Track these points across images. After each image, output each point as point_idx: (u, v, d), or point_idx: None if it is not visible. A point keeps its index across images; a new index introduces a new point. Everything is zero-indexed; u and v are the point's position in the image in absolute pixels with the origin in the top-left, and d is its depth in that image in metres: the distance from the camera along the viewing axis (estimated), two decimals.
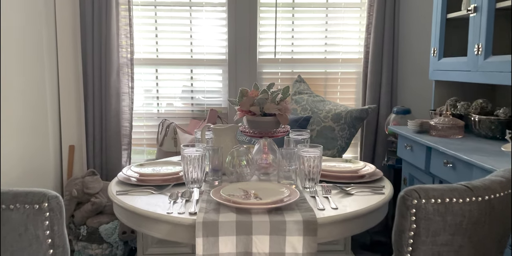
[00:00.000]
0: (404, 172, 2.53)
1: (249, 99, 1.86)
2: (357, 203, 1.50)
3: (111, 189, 1.67)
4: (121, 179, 1.74)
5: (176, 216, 1.38)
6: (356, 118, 2.88)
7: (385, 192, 1.62)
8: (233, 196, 1.47)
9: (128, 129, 3.12)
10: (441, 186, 1.09)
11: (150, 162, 1.95)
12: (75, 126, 3.07)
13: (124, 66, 3.04)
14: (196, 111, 3.25)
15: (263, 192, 1.52)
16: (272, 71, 3.23)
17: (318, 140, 2.88)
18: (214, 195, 1.47)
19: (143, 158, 3.30)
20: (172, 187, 1.68)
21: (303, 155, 1.63)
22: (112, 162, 3.10)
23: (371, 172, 1.80)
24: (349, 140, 2.94)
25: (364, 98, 3.13)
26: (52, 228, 1.06)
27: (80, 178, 2.83)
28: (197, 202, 1.49)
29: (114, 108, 3.03)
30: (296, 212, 1.38)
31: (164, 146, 2.95)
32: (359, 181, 1.74)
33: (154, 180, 1.72)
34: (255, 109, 1.83)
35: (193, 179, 1.64)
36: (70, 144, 3.08)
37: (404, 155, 2.45)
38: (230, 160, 1.71)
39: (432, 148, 2.10)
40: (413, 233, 1.07)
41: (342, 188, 1.65)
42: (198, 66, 3.21)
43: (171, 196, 1.54)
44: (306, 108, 3.01)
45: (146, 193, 1.62)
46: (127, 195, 1.60)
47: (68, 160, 3.07)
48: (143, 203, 1.50)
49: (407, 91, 3.14)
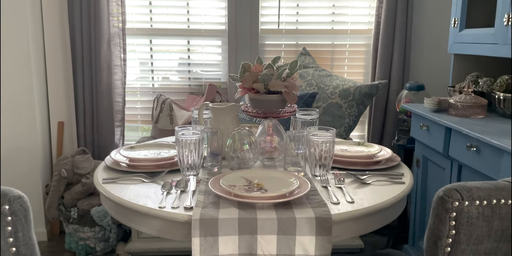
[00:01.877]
0: (417, 153, 2.35)
1: (252, 75, 1.66)
2: (376, 195, 1.32)
3: (97, 176, 1.48)
4: (109, 164, 1.56)
5: (169, 211, 1.20)
6: (365, 95, 2.68)
7: (405, 182, 1.44)
8: (235, 188, 1.28)
9: (121, 104, 2.92)
10: (485, 185, 0.90)
11: (142, 145, 1.76)
12: (64, 101, 2.87)
13: (115, 37, 2.81)
14: (193, 86, 3.04)
15: (268, 183, 1.34)
16: (275, 43, 3.00)
17: (324, 118, 2.69)
18: (213, 186, 1.29)
19: (138, 136, 3.11)
20: (166, 174, 1.50)
21: (314, 139, 1.44)
22: (105, 139, 2.91)
23: (387, 157, 1.62)
24: (357, 118, 2.75)
25: (374, 72, 2.91)
26: (16, 235, 0.87)
27: (70, 157, 2.65)
28: (193, 193, 1.31)
29: (106, 82, 2.82)
30: (307, 207, 1.20)
31: (159, 123, 2.75)
32: (374, 168, 1.55)
33: (146, 166, 1.53)
34: (258, 86, 1.62)
35: (189, 165, 1.45)
36: (59, 121, 2.89)
37: (418, 136, 2.27)
38: (231, 144, 1.52)
39: (452, 129, 1.91)
40: (452, 240, 0.89)
41: (356, 177, 1.46)
42: (196, 37, 2.98)
43: (164, 186, 1.36)
44: (311, 83, 2.81)
45: (137, 181, 1.43)
46: (115, 183, 1.42)
47: (58, 137, 2.88)
48: (132, 194, 1.32)
49: (421, 65, 2.92)
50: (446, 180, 2.05)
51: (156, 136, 2.79)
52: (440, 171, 2.12)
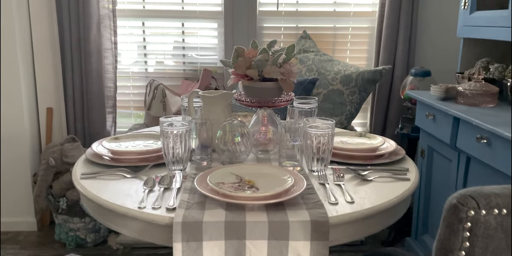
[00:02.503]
0: (422, 143, 2.23)
1: (245, 61, 1.53)
2: (378, 194, 1.20)
3: (76, 170, 1.37)
4: (90, 157, 1.44)
5: (149, 212, 1.08)
6: (368, 81, 2.54)
7: (410, 178, 1.32)
8: (223, 185, 1.17)
9: (112, 90, 2.80)
10: (505, 190, 0.78)
11: (128, 135, 1.64)
12: (52, 86, 2.74)
13: (105, 18, 2.66)
14: (188, 71, 2.91)
15: (260, 179, 1.22)
16: (274, 26, 2.86)
17: (324, 105, 2.56)
18: (199, 184, 1.17)
19: (131, 122, 2.99)
20: (151, 168, 1.38)
21: (311, 132, 1.32)
22: (96, 126, 2.80)
23: (391, 150, 1.50)
24: (359, 105, 2.62)
25: (377, 57, 2.77)
26: None
27: (59, 145, 2.54)
28: (178, 191, 1.20)
29: (96, 66, 2.69)
30: (302, 209, 1.08)
31: (152, 110, 2.63)
32: (377, 162, 1.43)
33: (129, 160, 1.41)
34: (252, 73, 1.50)
35: (175, 159, 1.33)
36: (47, 107, 2.76)
37: (424, 125, 2.14)
38: (221, 135, 1.40)
39: (460, 119, 1.79)
40: (465, 253, 0.78)
41: (357, 172, 1.35)
42: (191, 19, 2.83)
43: (146, 182, 1.24)
44: (312, 68, 2.67)
45: (118, 176, 1.32)
46: (94, 179, 1.30)
47: (47, 124, 2.76)
48: (111, 191, 1.21)
49: (428, 50, 2.77)
50: (453, 172, 1.93)
51: (149, 123, 2.67)
52: (446, 163, 2.00)
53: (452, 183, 1.94)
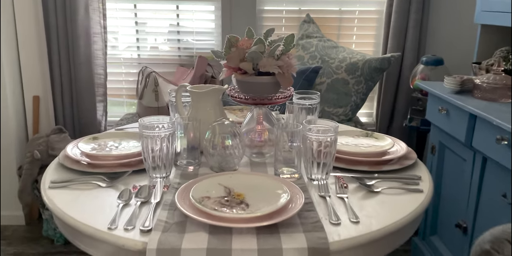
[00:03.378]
0: (433, 138, 2.06)
1: (239, 52, 1.36)
2: (387, 211, 1.05)
3: (45, 178, 1.21)
4: (63, 161, 1.28)
5: (120, 234, 0.93)
6: (376, 69, 2.36)
7: (423, 189, 1.16)
8: (208, 201, 1.01)
9: (103, 77, 2.63)
10: None
11: (108, 134, 1.48)
12: (39, 73, 2.57)
13: (93, 0, 2.48)
14: (183, 57, 2.73)
15: (251, 193, 1.06)
16: (275, 9, 2.66)
17: (328, 96, 2.39)
18: (181, 199, 1.01)
19: (123, 111, 2.83)
20: (131, 174, 1.22)
21: (311, 137, 1.16)
22: (86, 116, 2.64)
23: (401, 154, 1.33)
24: (365, 95, 2.45)
25: (385, 43, 2.59)
26: None
27: (44, 137, 2.39)
28: (157, 205, 1.04)
29: (84, 51, 2.52)
30: (298, 232, 0.93)
31: (144, 99, 2.46)
32: (385, 169, 1.27)
33: (106, 165, 1.25)
34: (246, 66, 1.32)
35: (156, 165, 1.18)
36: (34, 95, 2.60)
37: (435, 120, 1.97)
38: (210, 138, 1.24)
39: (478, 116, 1.62)
40: None
41: (362, 182, 1.19)
42: (186, 1, 2.64)
43: (121, 195, 1.09)
44: (315, 55, 2.49)
45: (92, 185, 1.16)
46: (65, 188, 1.15)
47: (33, 113, 2.61)
48: (81, 205, 1.06)
49: (441, 36, 2.58)
50: (467, 173, 1.77)
51: (141, 113, 2.52)
52: (459, 162, 1.84)
53: (465, 184, 1.78)
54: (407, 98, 2.55)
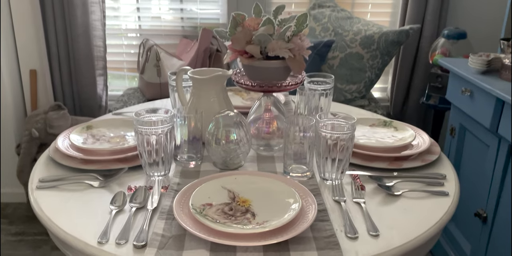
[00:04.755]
0: (453, 120, 1.93)
1: (245, 33, 1.21)
2: (409, 220, 0.94)
3: (33, 175, 1.11)
4: (53, 155, 1.18)
5: (111, 251, 0.83)
6: (393, 43, 2.20)
7: (448, 192, 1.05)
8: (209, 210, 0.91)
9: (102, 49, 2.49)
10: None
11: (104, 121, 1.35)
12: (34, 45, 2.43)
13: None
14: (187, 28, 2.58)
15: (258, 199, 0.96)
16: None
17: (340, 71, 2.25)
18: (180, 207, 0.91)
19: (125, 85, 2.71)
20: (127, 171, 1.12)
21: (325, 134, 1.03)
22: (85, 90, 2.52)
23: (424, 148, 1.21)
24: (380, 71, 2.30)
25: (403, 14, 2.41)
26: None
27: (42, 114, 2.28)
28: (154, 211, 0.94)
29: (81, 22, 2.37)
30: (310, 250, 0.82)
31: (145, 74, 2.33)
32: (405, 166, 1.15)
33: (100, 161, 1.14)
34: (253, 50, 1.19)
35: (154, 162, 1.07)
36: (30, 69, 2.48)
37: (457, 101, 1.83)
38: (213, 131, 1.12)
39: (506, 102, 1.48)
40: None
41: (381, 183, 1.07)
42: None
43: (114, 199, 0.98)
44: (327, 27, 2.32)
45: (83, 186, 1.06)
46: (54, 188, 1.05)
47: (31, 88, 2.49)
48: (70, 211, 0.96)
49: (465, 7, 2.38)
50: (490, 160, 1.65)
51: (143, 88, 2.39)
52: (482, 148, 1.72)
53: (487, 171, 1.67)
54: (425, 74, 2.39)
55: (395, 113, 2.54)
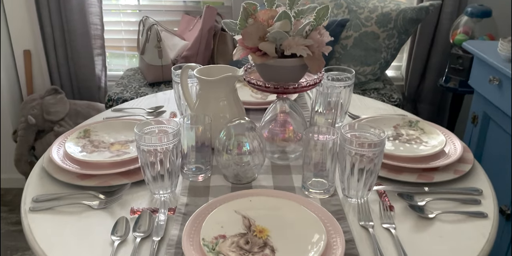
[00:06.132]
0: (476, 107, 1.80)
1: (257, 28, 1.07)
2: (447, 253, 0.84)
3: (26, 193, 1.01)
4: (47, 166, 1.07)
5: None
6: (411, 21, 2.05)
7: (487, 214, 0.94)
8: (223, 244, 0.81)
9: (99, 27, 2.34)
10: None
11: (103, 125, 1.23)
12: (27, 24, 2.28)
13: None
14: (189, 3, 2.41)
15: (277, 228, 0.85)
16: None
17: (354, 52, 2.10)
18: (189, 245, 0.81)
19: (125, 65, 2.57)
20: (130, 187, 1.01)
21: (350, 150, 0.92)
22: (83, 71, 2.39)
23: (457, 158, 1.09)
24: (397, 51, 2.16)
25: None
26: None
27: (38, 99, 2.16)
28: (160, 244, 0.84)
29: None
30: None
31: (146, 55, 2.19)
32: (436, 180, 1.04)
33: (100, 176, 1.03)
34: (267, 48, 1.05)
35: (158, 175, 0.96)
36: (24, 49, 2.33)
37: (482, 89, 1.70)
38: (224, 141, 1.01)
39: None
40: None
41: (411, 202, 0.97)
42: None
43: (115, 229, 0.88)
44: (340, 4, 2.15)
45: (81, 207, 0.96)
46: (49, 211, 0.94)
47: (25, 70, 2.36)
48: (67, 244, 0.86)
49: None
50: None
51: (144, 70, 2.25)
52: (508, 140, 1.60)
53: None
54: (444, 54, 2.24)
55: (410, 94, 2.41)
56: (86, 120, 1.35)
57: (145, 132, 0.96)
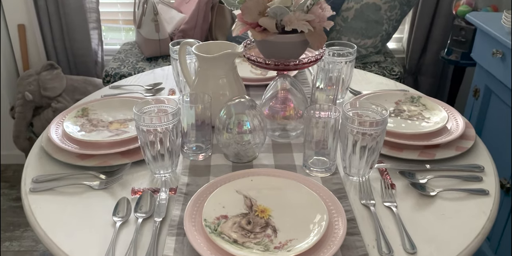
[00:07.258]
0: (478, 80, 1.78)
1: (257, 3, 1.05)
2: (448, 231, 0.84)
3: (26, 173, 1.00)
4: (46, 146, 1.06)
5: None
6: None
7: (489, 191, 0.94)
8: (225, 224, 0.81)
9: (94, 0, 2.28)
10: None
11: (101, 103, 1.22)
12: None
13: None
14: None
15: (279, 207, 0.85)
16: None
17: (355, 24, 2.06)
18: (191, 226, 0.81)
19: (121, 39, 2.53)
20: (131, 167, 1.01)
21: (352, 129, 0.91)
22: (79, 46, 2.35)
23: (459, 134, 1.08)
24: (398, 23, 2.12)
25: None
26: None
27: (35, 75, 2.14)
28: (162, 223, 0.84)
29: None
30: None
31: (142, 29, 2.14)
32: (438, 157, 1.03)
33: (99, 156, 1.03)
34: (267, 23, 1.02)
35: (158, 156, 0.95)
36: (18, 23, 2.29)
37: (484, 62, 1.68)
38: (224, 120, 1.00)
39: None
40: None
41: (412, 179, 0.97)
42: None
43: (117, 209, 0.88)
44: None
45: (81, 188, 0.95)
46: (49, 191, 0.94)
47: (20, 45, 2.32)
48: (68, 225, 0.86)
49: None
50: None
51: (141, 45, 2.21)
52: (509, 113, 1.59)
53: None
54: (447, 25, 2.20)
55: (411, 67, 2.38)
56: (84, 98, 1.33)
57: (144, 111, 0.95)
